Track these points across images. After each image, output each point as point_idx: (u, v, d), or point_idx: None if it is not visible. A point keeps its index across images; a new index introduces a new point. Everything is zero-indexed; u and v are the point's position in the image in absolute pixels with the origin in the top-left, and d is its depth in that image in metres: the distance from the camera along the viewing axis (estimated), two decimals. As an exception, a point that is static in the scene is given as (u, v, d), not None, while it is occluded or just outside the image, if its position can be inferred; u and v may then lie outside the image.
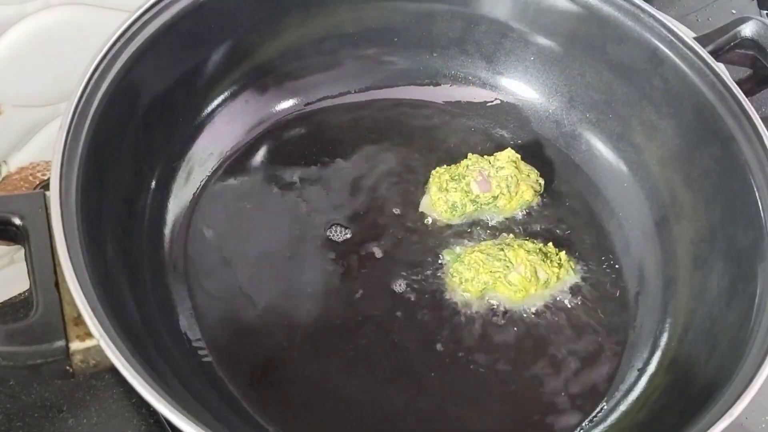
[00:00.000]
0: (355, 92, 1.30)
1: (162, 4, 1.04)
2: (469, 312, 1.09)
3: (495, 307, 1.10)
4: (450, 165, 1.22)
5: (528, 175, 1.22)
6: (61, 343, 0.79)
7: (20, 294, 1.13)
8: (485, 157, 1.22)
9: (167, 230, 1.11)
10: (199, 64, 1.15)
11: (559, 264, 1.14)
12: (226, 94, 1.22)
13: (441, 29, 1.31)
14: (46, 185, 0.90)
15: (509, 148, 1.22)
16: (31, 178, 1.18)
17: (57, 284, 0.83)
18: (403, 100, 1.31)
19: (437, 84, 1.34)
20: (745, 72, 1.15)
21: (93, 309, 0.76)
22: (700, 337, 1.03)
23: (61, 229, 0.82)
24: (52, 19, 1.08)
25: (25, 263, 0.87)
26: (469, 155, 1.23)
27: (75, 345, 0.80)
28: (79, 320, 0.80)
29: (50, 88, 1.10)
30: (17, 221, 0.86)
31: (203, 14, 1.10)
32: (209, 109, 1.21)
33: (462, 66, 1.34)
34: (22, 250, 0.88)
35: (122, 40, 0.99)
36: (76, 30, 1.10)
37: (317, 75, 1.29)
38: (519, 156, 1.22)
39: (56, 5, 1.07)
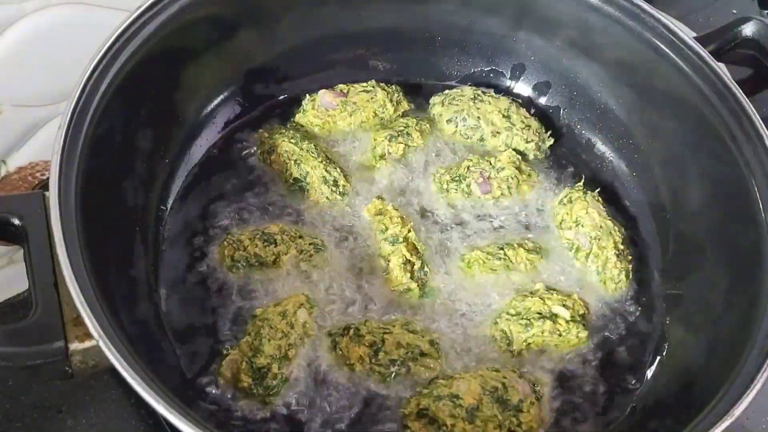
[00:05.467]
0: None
1: (160, 5, 1.03)
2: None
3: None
4: (450, 165, 1.22)
5: (529, 176, 1.22)
6: (60, 343, 0.79)
7: (20, 294, 1.13)
8: (486, 157, 1.22)
9: (168, 231, 1.10)
10: (198, 64, 1.15)
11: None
12: (225, 93, 1.23)
13: (441, 30, 1.30)
14: (45, 185, 0.90)
15: (510, 150, 1.22)
16: (30, 178, 1.18)
17: (56, 284, 0.83)
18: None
19: (437, 83, 1.34)
20: (746, 72, 1.14)
21: (92, 310, 0.76)
22: (701, 338, 1.03)
23: (60, 230, 0.82)
24: (51, 18, 1.08)
25: (24, 263, 0.87)
26: (470, 155, 1.23)
27: (74, 345, 0.80)
28: (78, 321, 0.80)
29: (49, 87, 1.10)
30: (16, 221, 0.86)
31: (201, 14, 1.10)
32: (209, 108, 1.21)
33: (462, 66, 1.34)
34: (22, 251, 0.88)
35: (121, 41, 0.99)
36: (75, 29, 1.10)
37: (317, 75, 1.29)
38: (520, 157, 1.22)
39: (55, 4, 1.07)
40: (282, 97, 1.28)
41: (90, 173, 0.90)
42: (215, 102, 1.22)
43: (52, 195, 0.85)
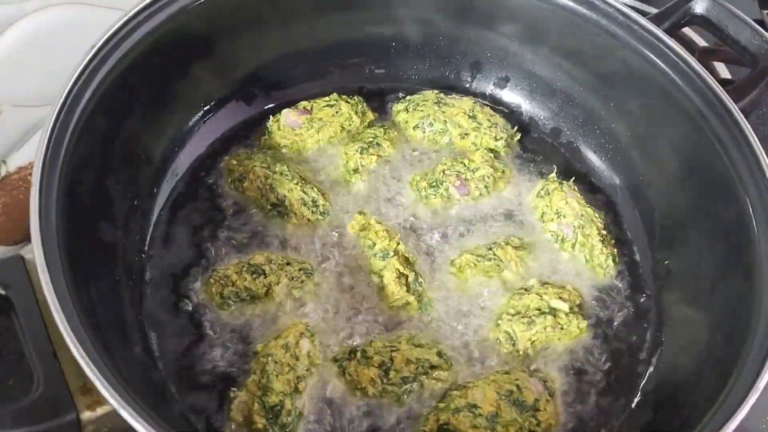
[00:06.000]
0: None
1: (150, 11, 1.01)
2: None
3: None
4: (425, 170, 1.21)
5: (503, 172, 1.22)
6: (71, 416, 0.75)
7: None
8: (459, 159, 1.21)
9: (150, 275, 1.06)
10: (187, 71, 1.13)
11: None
12: (213, 102, 1.21)
13: (426, 41, 1.30)
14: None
15: (482, 149, 1.22)
16: (29, 177, 1.16)
17: (55, 354, 0.78)
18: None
19: (398, 89, 1.32)
20: (745, 71, 1.17)
21: (107, 380, 0.71)
22: (701, 313, 1.04)
23: (55, 299, 0.76)
24: (51, 18, 1.10)
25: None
26: (443, 159, 1.22)
27: (86, 415, 0.76)
28: (85, 389, 0.77)
29: (49, 87, 1.09)
30: (1, 291, 0.81)
31: (191, 21, 1.08)
32: (197, 116, 1.19)
33: (420, 70, 1.33)
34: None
35: (108, 47, 0.97)
36: (75, 29, 1.11)
37: (304, 84, 1.27)
38: (492, 155, 1.22)
39: (55, 4, 1.09)
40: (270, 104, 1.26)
41: (69, 222, 0.86)
42: (204, 109, 1.20)
43: (37, 251, 0.80)
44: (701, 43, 1.32)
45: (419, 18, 1.29)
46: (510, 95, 1.33)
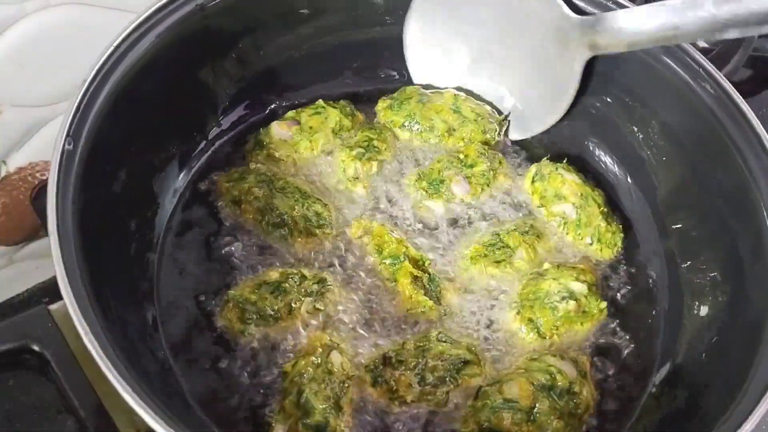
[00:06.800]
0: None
1: (162, 14, 1.00)
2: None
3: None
4: (422, 170, 1.20)
5: (500, 163, 1.23)
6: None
7: (20, 294, 1.08)
8: (454, 154, 1.21)
9: (163, 304, 1.04)
10: (199, 75, 1.13)
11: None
12: (226, 103, 1.20)
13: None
14: (44, 186, 0.84)
15: (476, 142, 1.22)
16: (30, 178, 1.17)
17: (101, 405, 0.76)
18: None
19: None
20: (745, 73, 1.16)
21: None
22: (720, 283, 1.05)
23: (96, 345, 0.74)
24: (51, 18, 1.08)
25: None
26: (438, 157, 1.22)
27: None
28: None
29: (49, 87, 1.11)
30: (36, 347, 0.79)
31: (203, 24, 1.08)
32: (214, 120, 1.19)
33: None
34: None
35: (120, 50, 0.94)
36: (75, 30, 1.11)
37: (318, 85, 1.27)
38: (485, 147, 1.21)
39: (55, 5, 1.07)
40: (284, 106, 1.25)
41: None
42: (219, 110, 1.20)
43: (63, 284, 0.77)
44: (701, 43, 1.31)
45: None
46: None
